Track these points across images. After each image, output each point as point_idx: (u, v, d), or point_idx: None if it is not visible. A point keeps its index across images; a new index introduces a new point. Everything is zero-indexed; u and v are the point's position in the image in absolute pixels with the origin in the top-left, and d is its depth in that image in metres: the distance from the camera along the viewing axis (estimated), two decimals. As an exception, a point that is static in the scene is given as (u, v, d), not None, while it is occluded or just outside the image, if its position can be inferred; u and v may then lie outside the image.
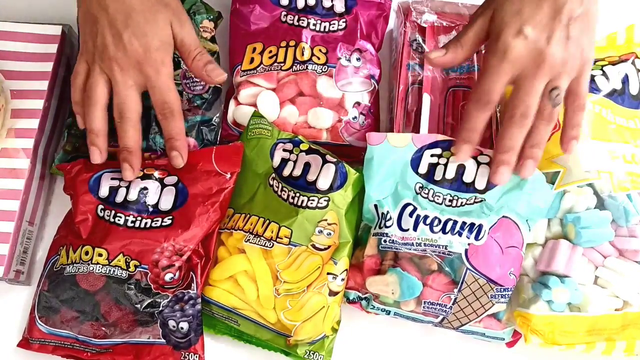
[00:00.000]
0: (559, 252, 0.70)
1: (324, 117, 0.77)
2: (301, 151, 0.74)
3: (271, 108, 0.78)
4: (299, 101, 0.79)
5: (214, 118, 0.78)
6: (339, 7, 0.81)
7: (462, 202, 0.71)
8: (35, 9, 0.84)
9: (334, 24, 0.81)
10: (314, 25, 0.80)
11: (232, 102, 0.79)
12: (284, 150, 0.75)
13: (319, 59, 0.79)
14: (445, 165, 0.72)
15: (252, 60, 0.79)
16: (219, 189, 0.72)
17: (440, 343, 0.75)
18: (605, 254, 0.71)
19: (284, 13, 0.81)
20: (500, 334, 0.72)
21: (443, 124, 0.79)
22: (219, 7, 0.82)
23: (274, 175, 0.74)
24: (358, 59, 0.79)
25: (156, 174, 0.73)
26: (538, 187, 0.71)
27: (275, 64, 0.78)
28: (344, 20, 0.81)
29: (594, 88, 0.76)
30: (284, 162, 0.74)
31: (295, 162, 0.74)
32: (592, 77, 0.76)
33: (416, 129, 0.78)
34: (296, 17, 0.80)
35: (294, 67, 0.78)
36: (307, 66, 0.78)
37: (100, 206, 0.71)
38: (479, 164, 0.71)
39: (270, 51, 0.79)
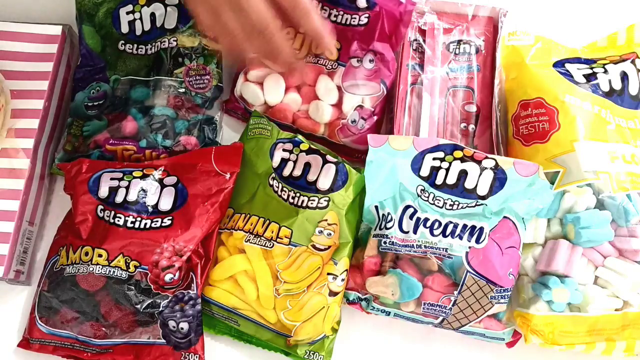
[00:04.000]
0: (558, 252, 0.70)
1: (324, 111, 0.77)
2: (301, 151, 0.74)
3: (275, 91, 0.77)
4: (304, 90, 0.78)
5: (215, 117, 0.78)
6: (362, 1, 0.77)
7: (462, 206, 0.71)
8: (35, 9, 0.84)
9: (355, 17, 0.77)
10: (335, 16, 0.77)
11: (241, 76, 0.79)
12: (284, 150, 0.74)
13: (331, 54, 0.77)
14: (447, 169, 0.72)
15: None
16: (219, 189, 0.72)
17: (440, 343, 0.75)
18: (605, 254, 0.71)
19: None
20: (500, 334, 0.72)
21: (443, 124, 0.78)
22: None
23: (274, 175, 0.74)
24: (371, 61, 0.77)
25: (156, 174, 0.72)
26: (541, 192, 0.71)
27: None
28: (366, 15, 0.77)
29: (595, 86, 0.76)
30: (284, 162, 0.74)
31: (295, 162, 0.74)
32: (594, 74, 0.76)
33: (416, 130, 0.78)
34: (320, 5, 0.77)
35: (307, 57, 0.77)
36: (318, 60, 0.77)
37: (100, 207, 0.71)
38: (482, 169, 0.71)
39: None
